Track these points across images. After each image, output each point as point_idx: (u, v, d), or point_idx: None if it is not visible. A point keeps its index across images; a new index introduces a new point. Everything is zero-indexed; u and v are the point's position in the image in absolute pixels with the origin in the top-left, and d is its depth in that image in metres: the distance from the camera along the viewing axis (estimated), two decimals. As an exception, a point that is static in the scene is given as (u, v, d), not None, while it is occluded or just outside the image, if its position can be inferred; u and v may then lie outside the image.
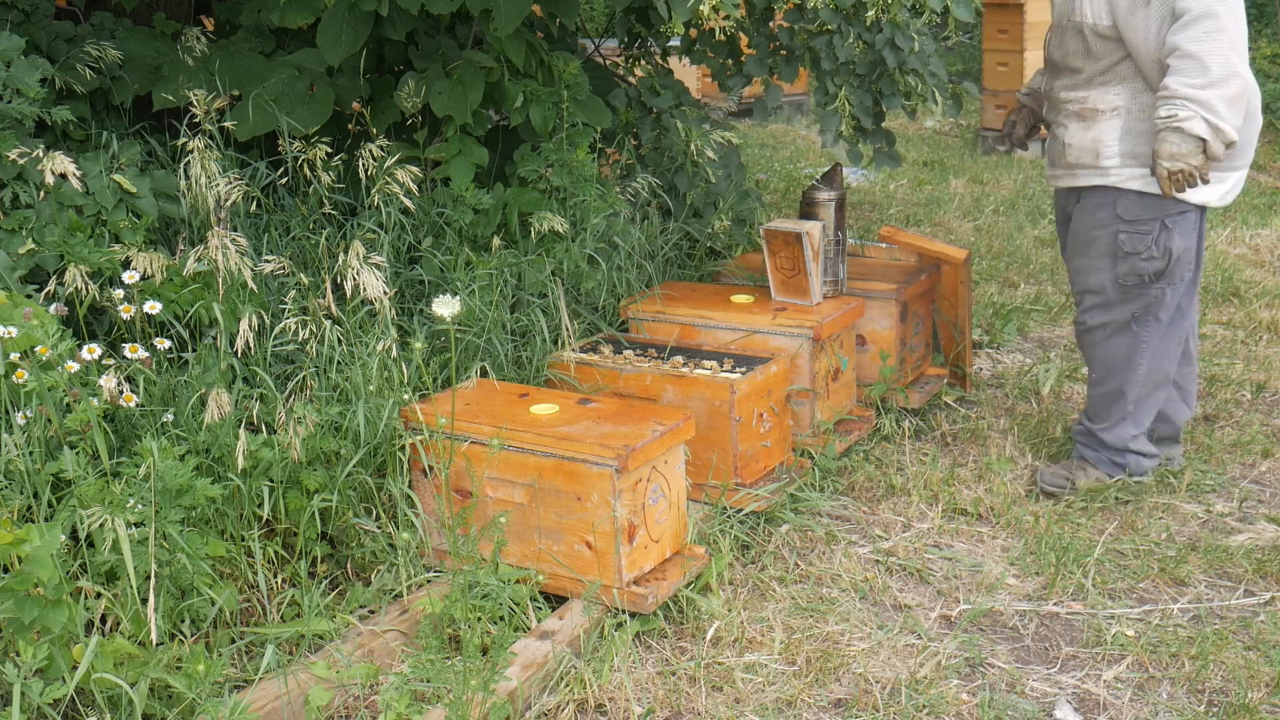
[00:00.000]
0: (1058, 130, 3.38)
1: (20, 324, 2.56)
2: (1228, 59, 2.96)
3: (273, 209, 3.73)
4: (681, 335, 3.70)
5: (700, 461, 3.24)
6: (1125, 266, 3.25)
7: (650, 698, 2.57)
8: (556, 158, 4.01)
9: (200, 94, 3.49)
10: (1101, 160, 3.23)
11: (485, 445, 2.80)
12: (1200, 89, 2.96)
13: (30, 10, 3.81)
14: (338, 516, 2.89)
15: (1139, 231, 3.20)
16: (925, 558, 3.19)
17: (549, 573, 2.82)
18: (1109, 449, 3.42)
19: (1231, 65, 2.96)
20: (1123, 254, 3.24)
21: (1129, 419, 3.39)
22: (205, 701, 2.27)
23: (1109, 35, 3.16)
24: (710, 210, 4.78)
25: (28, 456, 2.47)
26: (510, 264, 3.72)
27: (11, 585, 2.11)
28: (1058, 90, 3.38)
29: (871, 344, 3.94)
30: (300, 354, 3.19)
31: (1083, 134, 3.26)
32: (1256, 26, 10.23)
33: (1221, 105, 2.96)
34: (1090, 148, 3.24)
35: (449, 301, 2.25)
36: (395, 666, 2.61)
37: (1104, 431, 3.41)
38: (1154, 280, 3.24)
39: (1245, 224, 6.35)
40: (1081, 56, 3.25)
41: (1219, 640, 2.76)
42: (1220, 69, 2.95)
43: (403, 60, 4.26)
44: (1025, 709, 2.57)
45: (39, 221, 3.02)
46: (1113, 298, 3.32)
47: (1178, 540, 3.25)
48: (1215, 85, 2.96)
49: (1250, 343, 4.74)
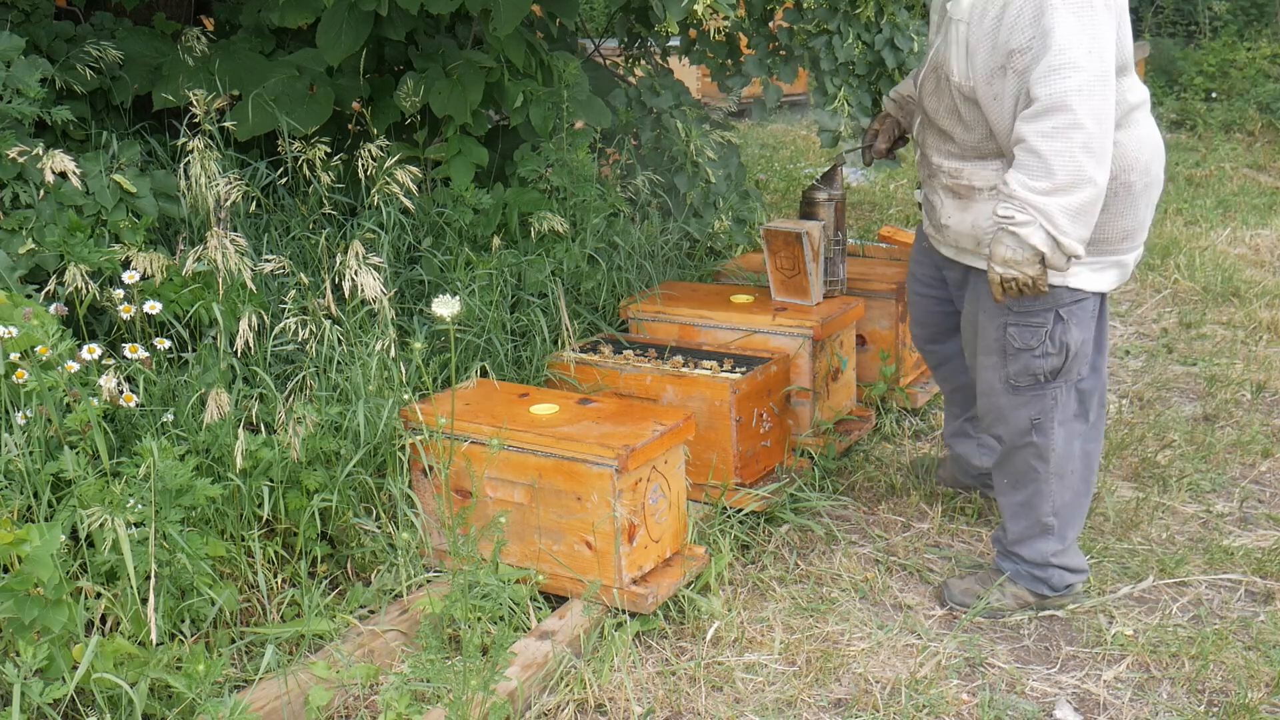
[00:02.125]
0: (932, 198, 2.93)
1: (20, 324, 2.56)
2: (1076, 163, 2.48)
3: (273, 209, 3.73)
4: (681, 335, 3.70)
5: (700, 461, 3.24)
6: (1017, 365, 2.78)
7: (650, 698, 2.57)
8: (556, 158, 4.02)
9: (200, 94, 3.49)
10: (983, 247, 2.75)
11: (485, 445, 2.80)
12: (1041, 194, 2.51)
13: (30, 10, 3.81)
14: (338, 516, 2.89)
15: (1029, 325, 2.73)
16: (925, 558, 3.19)
17: (549, 573, 2.82)
18: (1028, 564, 2.93)
19: (1080, 170, 2.49)
20: (1013, 350, 2.77)
21: (1050, 533, 2.89)
22: (205, 701, 2.27)
23: (974, 99, 2.70)
24: (710, 210, 4.78)
25: (28, 456, 2.47)
26: (510, 264, 3.72)
27: (11, 585, 2.11)
28: (930, 150, 2.92)
29: (871, 344, 3.94)
30: (300, 354, 3.19)
31: (960, 214, 2.82)
32: (1256, 27, 10.24)
33: (1063, 216, 2.51)
34: (969, 233, 2.79)
35: (449, 301, 2.25)
36: (395, 666, 2.61)
37: (1020, 546, 2.92)
38: (1050, 379, 2.78)
39: (1245, 224, 6.35)
40: (952, 118, 2.78)
41: (1219, 640, 2.76)
42: (1066, 174, 2.48)
43: (403, 60, 4.26)
44: (1025, 709, 2.57)
45: (39, 221, 3.02)
46: (1003, 402, 2.85)
47: (1178, 540, 3.25)
48: (1058, 192, 2.50)
49: (1250, 343, 4.74)
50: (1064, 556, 2.90)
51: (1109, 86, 2.52)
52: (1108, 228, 2.70)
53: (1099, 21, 2.53)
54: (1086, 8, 2.53)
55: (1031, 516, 2.90)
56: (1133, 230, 2.75)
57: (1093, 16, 2.53)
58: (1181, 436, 3.87)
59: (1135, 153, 2.70)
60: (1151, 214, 2.78)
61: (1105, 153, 2.52)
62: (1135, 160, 2.70)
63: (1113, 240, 2.72)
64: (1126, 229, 2.73)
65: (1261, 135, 8.78)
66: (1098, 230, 2.65)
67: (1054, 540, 2.89)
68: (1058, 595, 2.92)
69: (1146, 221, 2.78)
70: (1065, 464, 2.86)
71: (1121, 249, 2.75)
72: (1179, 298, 5.32)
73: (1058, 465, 2.85)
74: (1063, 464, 2.86)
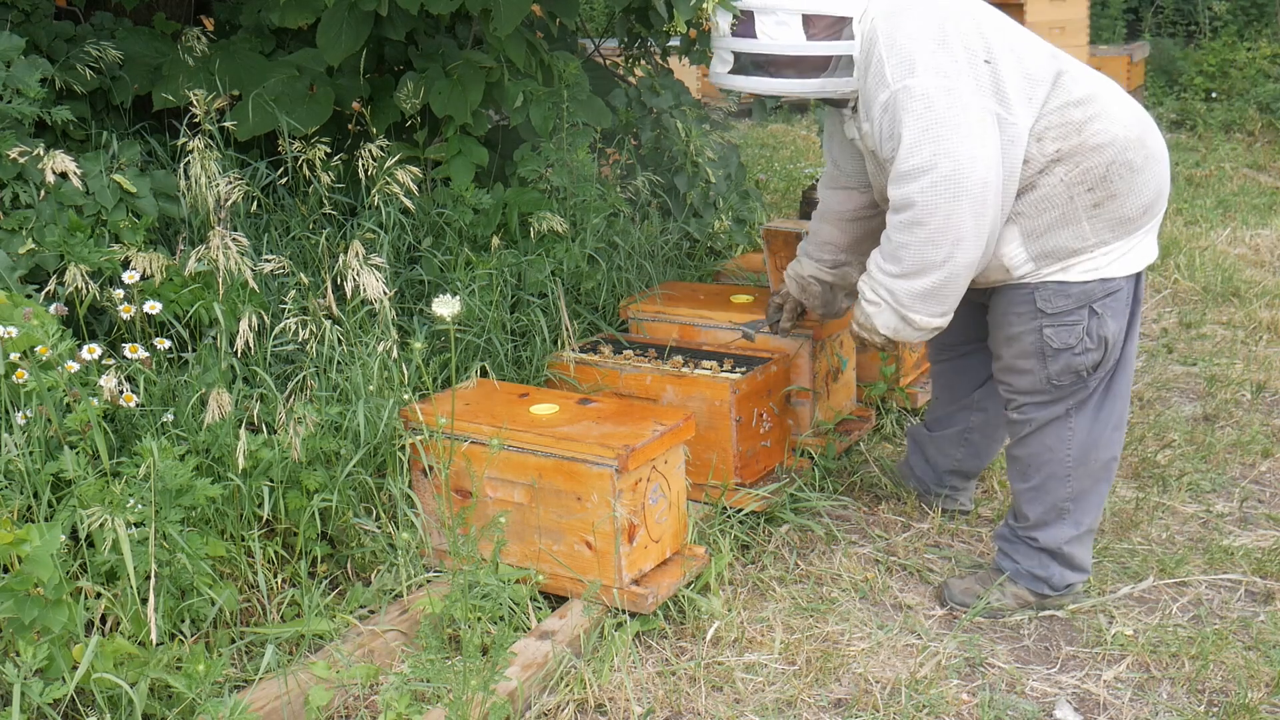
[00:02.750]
0: None
1: (20, 324, 2.56)
2: (921, 254, 2.62)
3: (273, 209, 3.73)
4: (681, 335, 3.70)
5: (700, 461, 3.24)
6: (1058, 365, 2.79)
7: (650, 698, 2.57)
8: (556, 158, 4.01)
9: (200, 94, 3.49)
10: (1014, 274, 2.78)
11: (485, 445, 2.80)
12: (890, 277, 2.70)
13: (30, 10, 3.81)
14: (338, 516, 2.89)
15: (1065, 324, 2.76)
16: (925, 558, 3.19)
17: (549, 573, 2.82)
18: (1038, 554, 2.92)
19: (924, 259, 2.63)
20: (1052, 351, 2.78)
21: (1066, 517, 2.89)
22: (205, 701, 2.27)
23: None
24: (710, 210, 4.77)
25: (28, 456, 2.47)
26: (510, 264, 3.72)
27: (11, 585, 2.11)
28: None
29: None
30: (300, 354, 3.19)
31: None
32: (1256, 27, 10.24)
33: (909, 297, 2.68)
34: (998, 266, 2.78)
35: (449, 301, 2.25)
36: (395, 666, 2.61)
37: (1036, 531, 2.91)
38: (1092, 373, 2.80)
39: (1245, 224, 6.35)
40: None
41: (1219, 640, 2.76)
42: (911, 263, 2.65)
43: (403, 60, 4.26)
44: (1025, 709, 2.57)
45: (39, 221, 3.02)
46: (1048, 399, 2.86)
47: (1178, 540, 3.25)
48: (905, 277, 2.67)
49: (1250, 343, 4.74)
50: (1076, 545, 2.90)
51: (970, 169, 2.57)
52: (1127, 206, 2.72)
53: (955, 104, 2.60)
54: (936, 97, 2.61)
55: (1048, 501, 2.89)
56: (1151, 201, 2.77)
57: (946, 104, 2.60)
58: (1181, 436, 3.87)
59: (1117, 133, 2.70)
60: (1167, 180, 2.81)
61: (957, 238, 2.59)
62: (1124, 139, 2.70)
63: (1134, 218, 2.75)
64: (1144, 203, 2.75)
65: (1261, 135, 8.77)
66: (1118, 213, 2.71)
67: (1069, 525, 2.89)
68: (1058, 595, 2.92)
69: (1164, 189, 2.80)
70: (1089, 451, 2.86)
71: (1143, 223, 2.77)
72: (1179, 298, 5.32)
73: (1080, 452, 2.86)
74: (1086, 451, 2.86)
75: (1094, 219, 2.71)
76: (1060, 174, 2.68)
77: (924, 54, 2.64)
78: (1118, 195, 2.70)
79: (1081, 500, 2.89)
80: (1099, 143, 2.68)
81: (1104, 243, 2.72)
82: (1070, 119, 2.68)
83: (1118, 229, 2.72)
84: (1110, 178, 2.68)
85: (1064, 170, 2.68)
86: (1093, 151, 2.68)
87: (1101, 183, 2.68)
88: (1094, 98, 2.72)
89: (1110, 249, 2.73)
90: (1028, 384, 2.85)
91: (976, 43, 2.67)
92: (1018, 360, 2.85)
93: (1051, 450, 2.86)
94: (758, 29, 2.79)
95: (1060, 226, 2.71)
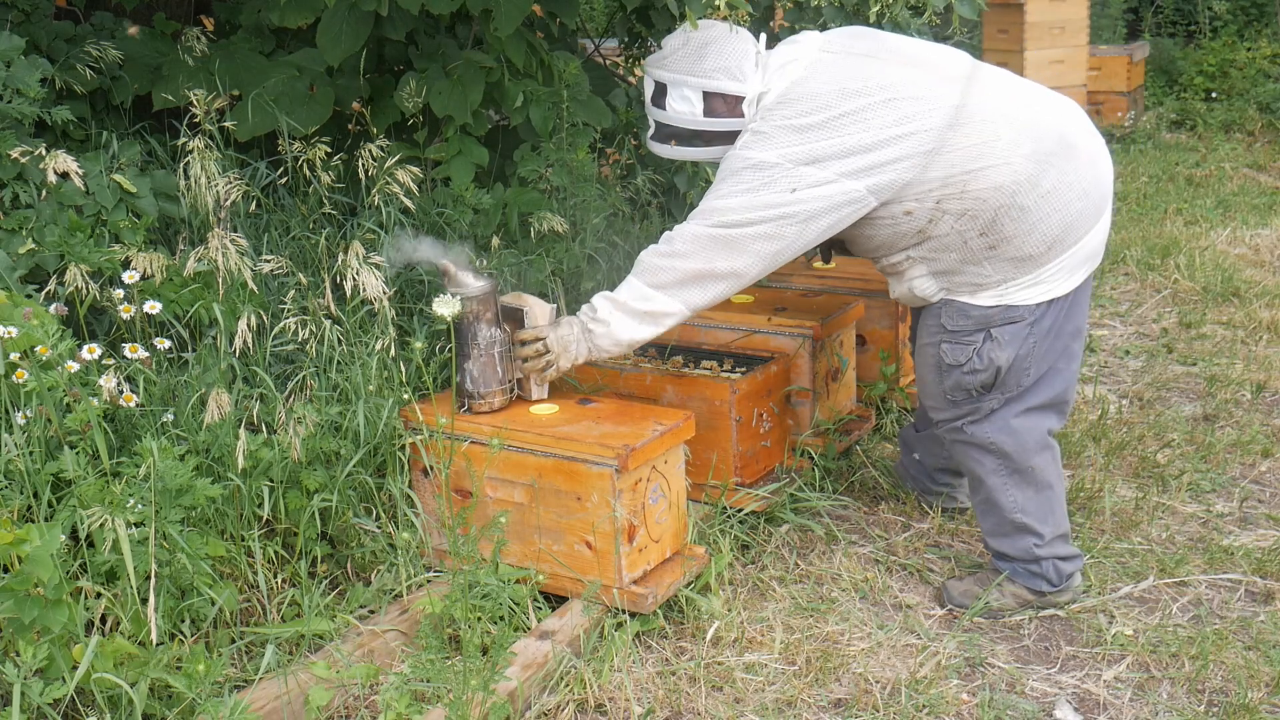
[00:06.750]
0: None
1: (20, 324, 2.56)
2: (644, 294, 2.83)
3: (273, 209, 3.73)
4: (681, 335, 3.70)
5: (700, 461, 3.24)
6: (950, 380, 2.87)
7: (650, 698, 2.57)
8: (556, 158, 4.01)
9: (200, 94, 3.48)
10: (932, 300, 2.90)
11: (485, 445, 2.79)
12: (609, 301, 2.87)
13: (30, 10, 3.81)
14: (338, 516, 2.89)
15: (961, 343, 2.83)
16: (925, 558, 3.19)
17: (549, 573, 2.82)
18: (1016, 560, 2.95)
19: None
20: (945, 366, 2.87)
21: (1026, 530, 2.91)
22: (205, 701, 2.27)
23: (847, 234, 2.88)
24: (710, 210, 4.76)
25: (28, 456, 2.47)
26: (510, 264, 3.72)
27: (11, 585, 2.11)
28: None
29: (871, 344, 3.94)
30: (300, 354, 3.19)
31: (897, 285, 2.95)
32: (1256, 27, 10.24)
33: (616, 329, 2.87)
34: (907, 297, 2.93)
35: (449, 301, 2.25)
36: (395, 666, 2.61)
37: (998, 542, 2.96)
38: (982, 393, 2.86)
39: (1245, 224, 6.35)
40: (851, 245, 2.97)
41: (1219, 640, 2.76)
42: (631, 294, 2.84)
43: (403, 60, 4.26)
44: (1025, 709, 2.57)
45: (39, 221, 3.02)
46: (948, 415, 2.94)
47: (1178, 540, 3.25)
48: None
49: (1250, 343, 4.74)
50: (1050, 547, 2.90)
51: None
52: (1027, 245, 2.71)
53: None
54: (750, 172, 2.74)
55: (997, 514, 2.94)
56: (1059, 235, 2.73)
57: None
58: (1181, 436, 3.87)
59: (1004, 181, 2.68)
60: (1084, 207, 2.74)
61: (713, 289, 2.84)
62: (1012, 185, 2.68)
63: (1037, 255, 2.73)
64: (1048, 239, 2.72)
65: (1261, 135, 8.77)
66: (1016, 253, 2.73)
67: (1031, 535, 2.90)
68: (1057, 590, 2.92)
69: (1078, 220, 2.73)
70: (1020, 460, 2.88)
71: (1050, 257, 2.74)
72: (1179, 298, 5.32)
73: (1007, 466, 2.89)
74: (1012, 466, 2.88)
75: (992, 259, 2.75)
76: (949, 223, 2.73)
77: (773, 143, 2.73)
78: (1012, 237, 2.71)
79: (1031, 513, 2.90)
80: (982, 195, 2.69)
81: (1008, 278, 2.76)
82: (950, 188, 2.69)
83: (1021, 266, 2.74)
84: (1000, 221, 2.70)
85: (952, 220, 2.72)
86: (977, 201, 2.69)
87: (991, 227, 2.70)
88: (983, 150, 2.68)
89: (1017, 282, 2.77)
90: (929, 395, 2.98)
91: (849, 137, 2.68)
92: (923, 371, 2.98)
93: (979, 463, 2.92)
94: (666, 101, 2.91)
95: (963, 265, 2.78)
